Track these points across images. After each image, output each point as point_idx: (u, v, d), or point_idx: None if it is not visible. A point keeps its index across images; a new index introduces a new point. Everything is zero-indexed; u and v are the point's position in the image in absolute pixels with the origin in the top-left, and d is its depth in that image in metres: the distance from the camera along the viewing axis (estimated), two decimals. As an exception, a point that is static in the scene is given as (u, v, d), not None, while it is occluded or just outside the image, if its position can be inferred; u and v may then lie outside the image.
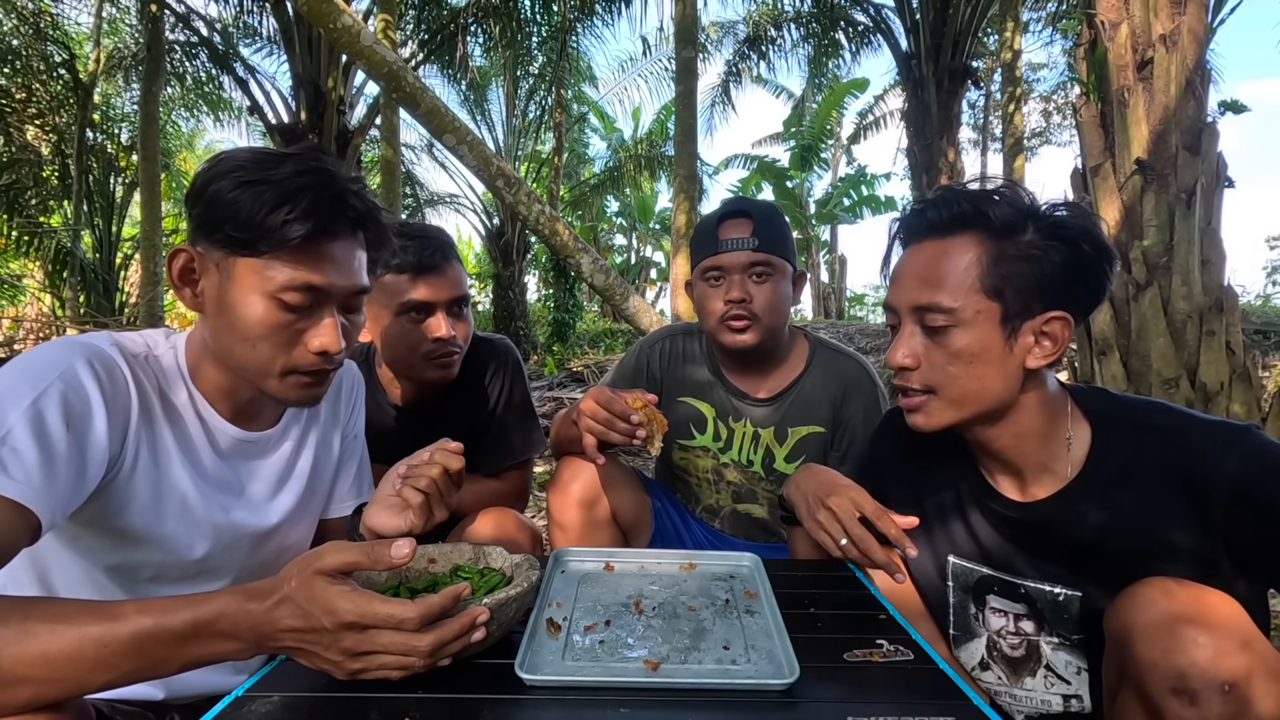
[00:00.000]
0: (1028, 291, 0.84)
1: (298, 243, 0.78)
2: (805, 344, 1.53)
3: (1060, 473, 0.91)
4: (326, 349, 0.84)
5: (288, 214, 0.77)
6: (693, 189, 5.89)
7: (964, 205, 0.87)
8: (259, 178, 0.78)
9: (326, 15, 4.14)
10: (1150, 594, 0.75)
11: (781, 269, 1.41)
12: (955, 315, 0.86)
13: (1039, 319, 0.85)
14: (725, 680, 0.71)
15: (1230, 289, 3.00)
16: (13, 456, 0.66)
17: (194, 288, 0.84)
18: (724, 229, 1.41)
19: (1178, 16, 2.92)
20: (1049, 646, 0.95)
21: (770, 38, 9.72)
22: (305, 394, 0.87)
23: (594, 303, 16.29)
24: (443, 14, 8.65)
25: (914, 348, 0.90)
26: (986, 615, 1.01)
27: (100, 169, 10.26)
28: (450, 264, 1.37)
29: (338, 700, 0.67)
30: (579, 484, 1.37)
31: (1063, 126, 14.10)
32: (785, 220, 1.47)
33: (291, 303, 0.81)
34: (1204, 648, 0.68)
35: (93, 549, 0.84)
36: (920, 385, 0.91)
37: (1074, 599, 0.91)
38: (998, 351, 0.86)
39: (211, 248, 0.81)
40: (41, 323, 10.62)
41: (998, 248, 0.85)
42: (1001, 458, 0.94)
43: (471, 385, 1.55)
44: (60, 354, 0.76)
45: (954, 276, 0.86)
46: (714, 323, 1.42)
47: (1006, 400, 0.89)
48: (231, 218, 0.78)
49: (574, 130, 14.60)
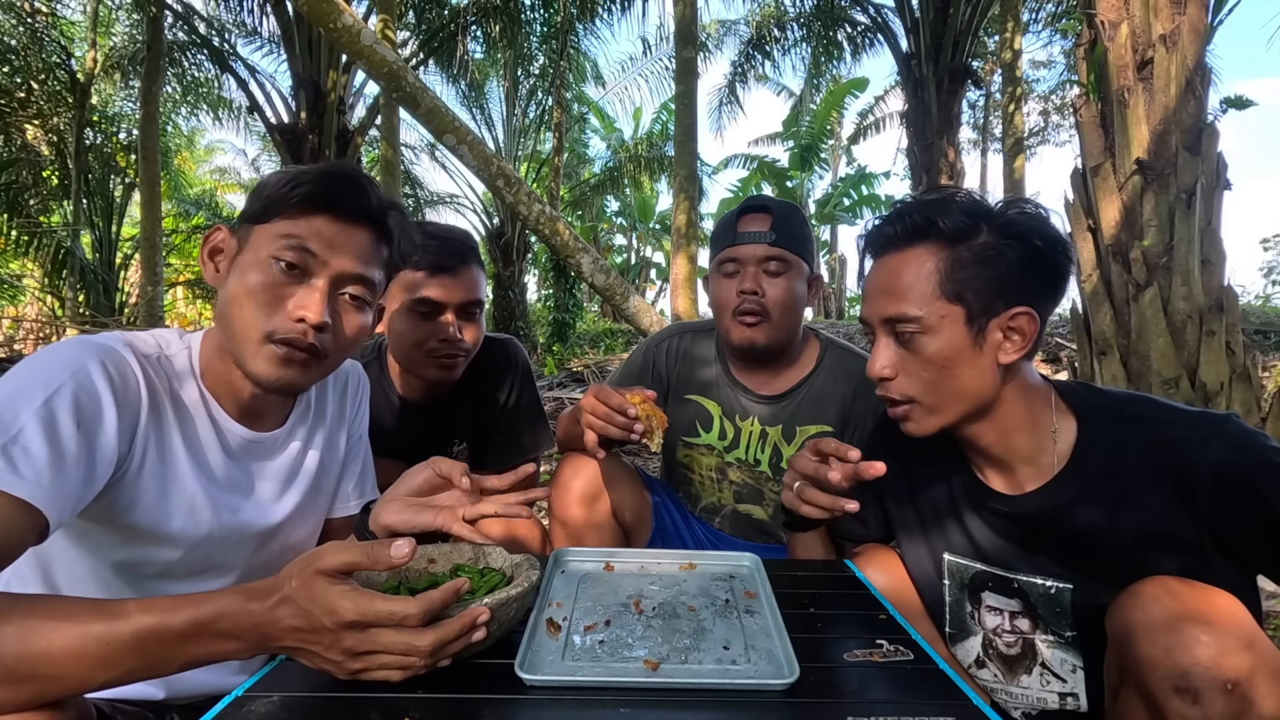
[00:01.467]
0: (988, 291, 0.87)
1: (299, 203, 0.85)
2: (817, 344, 1.54)
3: (1047, 466, 0.93)
4: (305, 316, 0.84)
5: (297, 181, 0.86)
6: (693, 189, 5.89)
7: (916, 218, 0.90)
8: (298, 171, 0.88)
9: (326, 15, 4.14)
10: (1153, 592, 0.75)
11: (797, 266, 1.42)
12: (921, 323, 0.89)
13: (1004, 316, 0.88)
14: (725, 680, 0.71)
15: (1230, 289, 3.00)
16: (23, 455, 0.67)
17: (217, 264, 0.90)
18: (743, 222, 1.42)
19: (1178, 16, 2.92)
20: (1044, 644, 0.96)
21: (774, 37, 9.73)
22: (281, 373, 0.85)
23: (594, 303, 16.31)
24: (443, 14, 8.66)
25: (890, 359, 0.93)
26: (982, 613, 1.02)
27: (99, 169, 10.26)
28: (468, 267, 1.39)
29: (338, 700, 0.67)
30: (580, 480, 1.37)
31: (1062, 126, 14.10)
32: (806, 221, 1.48)
33: (282, 259, 0.84)
34: (1207, 646, 0.68)
35: (99, 545, 0.84)
36: (900, 395, 0.93)
37: (1065, 591, 0.92)
38: (967, 352, 0.89)
39: (240, 225, 0.90)
40: (41, 323, 10.62)
41: (953, 253, 0.88)
42: (989, 453, 0.96)
43: (480, 384, 1.56)
44: (73, 353, 0.76)
45: (915, 286, 0.89)
46: (726, 316, 1.43)
47: (987, 397, 0.91)
48: (259, 194, 0.88)
49: (574, 130, 14.60)
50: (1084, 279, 3.36)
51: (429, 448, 1.20)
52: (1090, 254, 3.33)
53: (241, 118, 12.08)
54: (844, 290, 20.61)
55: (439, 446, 1.53)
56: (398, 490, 0.93)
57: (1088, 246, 3.34)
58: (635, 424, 1.14)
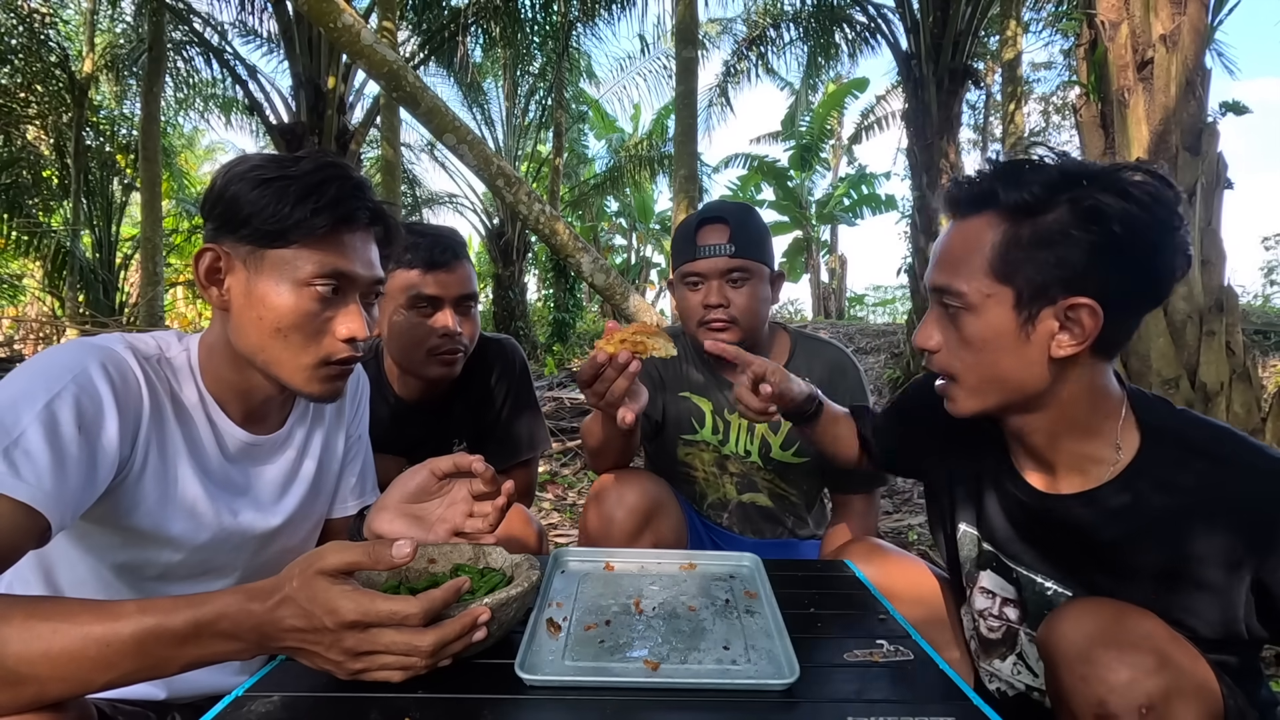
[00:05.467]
0: (1045, 276, 0.78)
1: (324, 231, 0.82)
2: (786, 337, 1.57)
3: (1094, 475, 0.86)
4: (355, 335, 0.85)
5: (315, 204, 0.80)
6: (693, 189, 5.89)
7: (983, 183, 0.82)
8: (278, 175, 0.81)
9: (327, 14, 4.14)
10: (1071, 616, 0.76)
11: (759, 272, 1.44)
12: (965, 299, 0.82)
13: (1060, 305, 0.79)
14: (725, 680, 0.72)
15: (1230, 289, 3.00)
16: (25, 459, 0.66)
17: (220, 286, 0.85)
18: (701, 235, 1.43)
19: (1178, 16, 2.92)
20: (1026, 638, 0.95)
21: (769, 38, 9.71)
22: (330, 388, 0.88)
23: (594, 302, 16.29)
24: (443, 14, 8.65)
25: (934, 331, 0.88)
26: (974, 594, 1.01)
27: (99, 169, 10.26)
28: (460, 262, 1.40)
29: (338, 700, 0.67)
30: (624, 511, 1.33)
31: (1063, 127, 14.10)
32: (762, 222, 1.50)
33: (322, 290, 0.83)
34: (1119, 673, 0.69)
35: (100, 547, 0.84)
36: (941, 369, 0.89)
37: (1062, 597, 0.90)
38: (1011, 339, 0.81)
39: (238, 244, 0.83)
40: (41, 323, 10.62)
41: (1014, 229, 0.80)
42: (1035, 450, 0.90)
43: (477, 383, 1.56)
44: (74, 356, 0.76)
45: (966, 259, 0.82)
46: (694, 325, 1.46)
47: (1034, 390, 0.83)
48: (258, 212, 0.80)
49: (574, 130, 14.59)
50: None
51: (429, 448, 1.20)
52: (1090, 254, 3.33)
53: (242, 118, 12.08)
54: (844, 290, 20.61)
55: (438, 446, 1.53)
56: (391, 496, 0.93)
57: (1088, 246, 3.34)
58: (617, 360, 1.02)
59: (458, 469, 0.90)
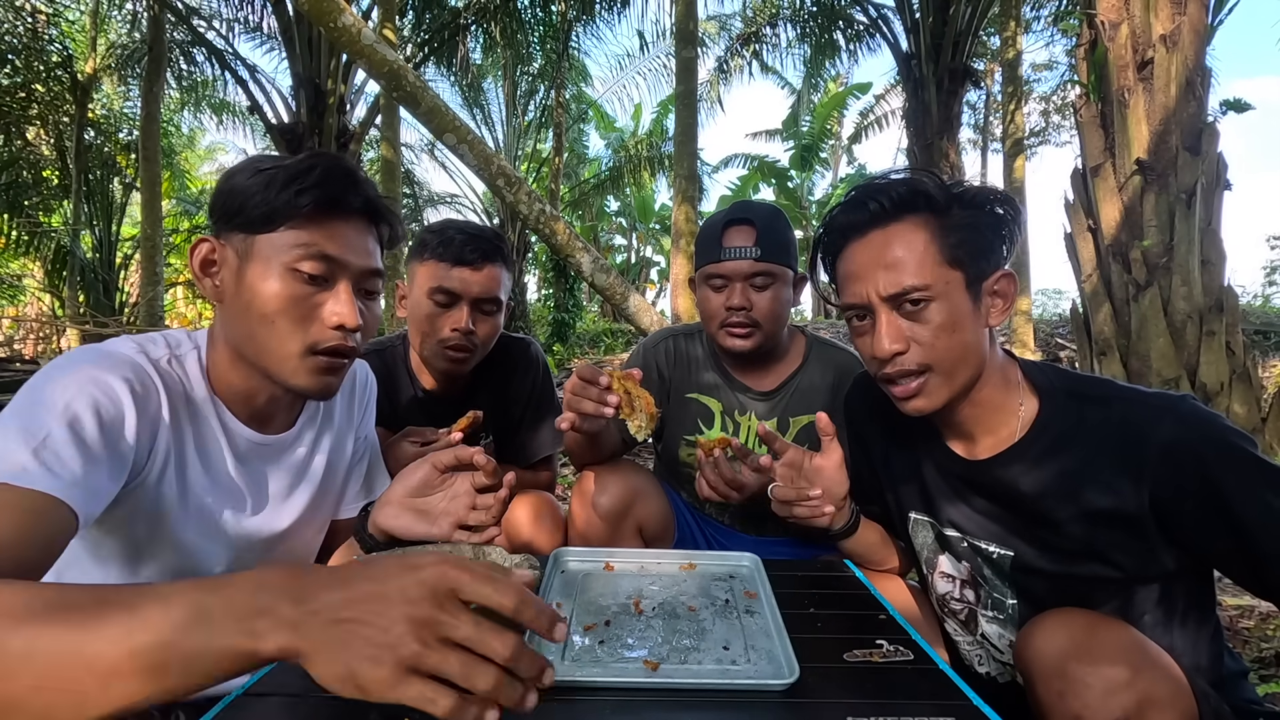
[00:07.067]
0: (978, 255, 0.90)
1: (310, 210, 0.82)
2: (802, 340, 1.58)
3: (1006, 436, 0.95)
4: (343, 322, 0.84)
5: (300, 185, 0.82)
6: (692, 189, 5.89)
7: (901, 190, 0.91)
8: (272, 165, 0.84)
9: (327, 14, 4.14)
10: (1044, 631, 0.77)
11: (783, 276, 1.44)
12: (930, 290, 0.89)
13: (992, 278, 0.91)
14: (725, 680, 0.72)
15: (1230, 289, 3.00)
16: (55, 458, 0.68)
17: (214, 277, 0.86)
18: (728, 236, 1.43)
19: (1178, 16, 2.92)
20: (985, 619, 0.99)
21: (765, 37, 9.70)
22: (322, 381, 0.87)
23: (594, 303, 16.30)
24: (443, 14, 8.65)
25: (898, 334, 0.91)
26: (935, 579, 1.06)
27: (99, 169, 10.26)
28: (490, 263, 1.41)
29: (338, 700, 0.67)
30: (606, 497, 1.36)
31: (1063, 127, 14.08)
32: (788, 225, 1.50)
33: (307, 271, 0.83)
34: (1092, 688, 0.70)
35: (112, 556, 0.85)
36: (917, 365, 0.92)
37: (1006, 558, 0.94)
38: (970, 317, 0.90)
39: (231, 234, 0.85)
40: (41, 323, 10.62)
41: (941, 222, 0.90)
42: (958, 423, 0.98)
43: (501, 379, 1.60)
44: (91, 361, 0.77)
45: (915, 256, 0.89)
46: (715, 325, 1.46)
47: (983, 361, 0.93)
48: (249, 198, 0.82)
49: (574, 130, 14.59)
50: (1084, 279, 3.36)
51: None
52: (1090, 254, 3.33)
53: (241, 117, 12.08)
54: (844, 290, 20.55)
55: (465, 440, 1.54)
56: (394, 491, 0.92)
57: (1088, 246, 3.34)
58: (608, 396, 1.07)
59: (459, 462, 0.90)
